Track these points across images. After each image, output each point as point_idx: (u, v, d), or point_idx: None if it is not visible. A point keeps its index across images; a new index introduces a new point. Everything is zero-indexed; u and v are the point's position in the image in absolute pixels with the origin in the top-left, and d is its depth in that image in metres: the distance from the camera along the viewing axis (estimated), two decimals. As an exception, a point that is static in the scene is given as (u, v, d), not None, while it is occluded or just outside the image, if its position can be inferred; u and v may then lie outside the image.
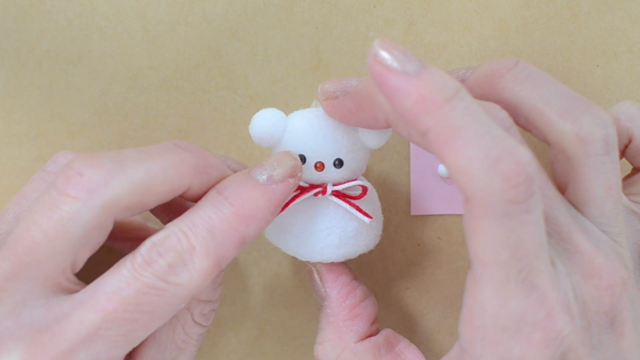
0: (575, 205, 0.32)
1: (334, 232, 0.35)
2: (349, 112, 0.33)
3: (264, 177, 0.32)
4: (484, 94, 0.33)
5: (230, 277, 0.42)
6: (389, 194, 0.41)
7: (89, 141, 0.41)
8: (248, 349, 0.42)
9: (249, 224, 0.31)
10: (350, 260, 0.36)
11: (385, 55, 0.28)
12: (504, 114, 0.30)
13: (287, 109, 0.36)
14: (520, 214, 0.27)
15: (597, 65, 0.40)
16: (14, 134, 0.41)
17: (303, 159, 0.34)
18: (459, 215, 0.41)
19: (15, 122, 0.41)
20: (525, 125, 0.33)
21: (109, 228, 0.31)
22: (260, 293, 0.42)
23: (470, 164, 0.27)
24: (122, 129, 0.41)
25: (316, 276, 0.37)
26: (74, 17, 0.40)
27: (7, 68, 0.40)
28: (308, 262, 0.37)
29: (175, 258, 0.30)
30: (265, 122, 0.34)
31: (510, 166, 0.27)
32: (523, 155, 0.27)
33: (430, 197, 0.41)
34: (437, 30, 0.40)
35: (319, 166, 0.34)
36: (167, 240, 0.30)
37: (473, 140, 0.27)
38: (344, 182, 0.35)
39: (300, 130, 0.34)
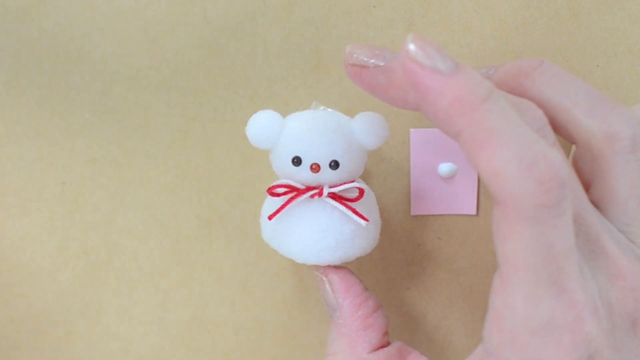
0: (597, 204, 0.32)
1: (331, 235, 0.34)
2: (378, 86, 0.31)
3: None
4: (508, 92, 0.33)
5: (230, 277, 0.42)
6: (388, 194, 0.41)
7: (89, 141, 0.41)
8: (248, 349, 0.42)
9: None
10: (350, 261, 0.36)
11: (419, 52, 0.27)
12: (540, 113, 0.30)
13: (287, 109, 0.36)
14: (552, 217, 0.27)
15: (597, 65, 0.40)
16: (14, 134, 0.41)
17: (299, 160, 0.34)
18: (459, 215, 0.41)
19: (15, 122, 0.41)
20: (550, 124, 0.33)
21: None
22: (260, 293, 0.42)
23: (505, 167, 0.26)
24: (122, 129, 0.41)
25: (328, 287, 0.36)
26: (74, 17, 0.40)
27: (7, 68, 0.40)
28: (318, 271, 0.36)
29: None
30: (262, 123, 0.34)
31: (544, 170, 0.26)
32: (556, 158, 0.27)
33: (430, 197, 0.41)
34: (437, 30, 0.40)
35: (315, 168, 0.34)
36: None
37: (508, 143, 0.27)
38: (341, 184, 0.34)
39: (297, 131, 0.34)
